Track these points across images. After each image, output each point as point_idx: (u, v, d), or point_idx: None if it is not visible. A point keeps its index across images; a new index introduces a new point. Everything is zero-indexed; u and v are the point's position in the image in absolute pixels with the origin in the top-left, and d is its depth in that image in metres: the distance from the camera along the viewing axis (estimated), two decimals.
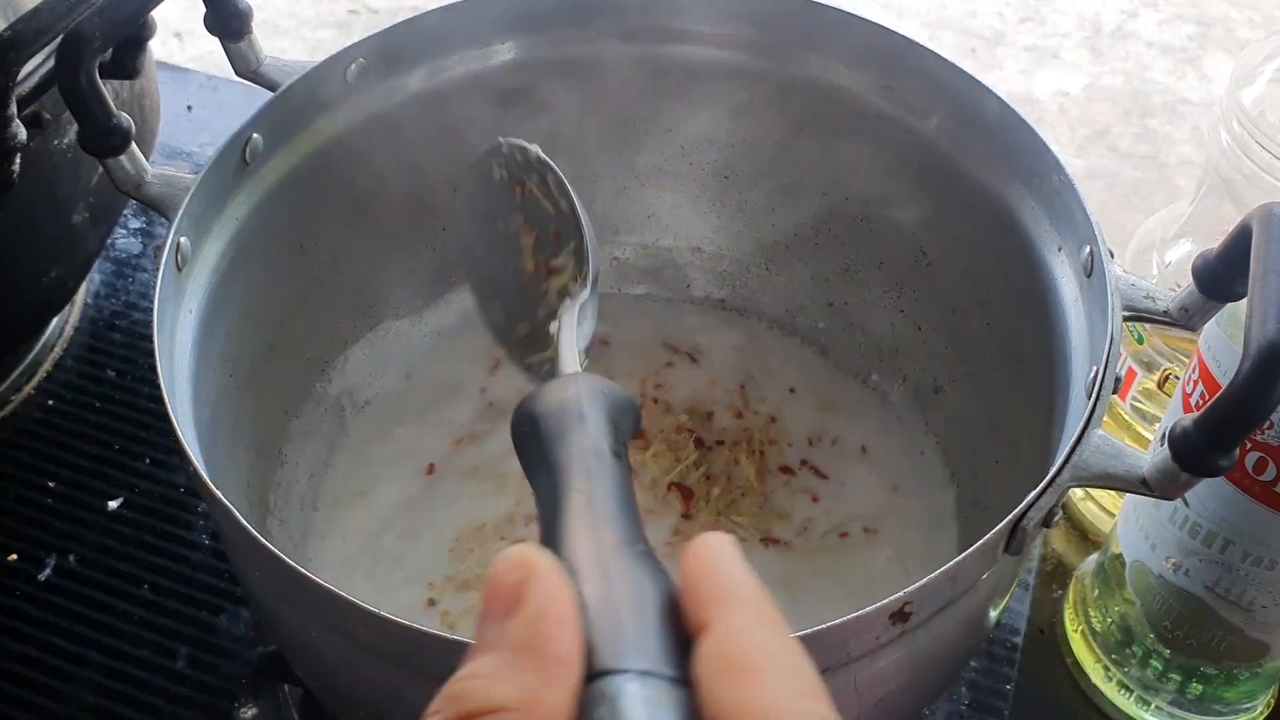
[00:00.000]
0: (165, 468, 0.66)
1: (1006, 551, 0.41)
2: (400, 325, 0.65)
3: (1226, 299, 0.43)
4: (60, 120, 0.56)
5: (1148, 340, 0.60)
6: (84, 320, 0.73)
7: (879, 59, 0.58)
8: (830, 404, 0.64)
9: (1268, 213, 0.39)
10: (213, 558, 0.62)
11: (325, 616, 0.40)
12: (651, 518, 0.58)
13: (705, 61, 0.62)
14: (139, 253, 0.77)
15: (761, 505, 0.59)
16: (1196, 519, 0.50)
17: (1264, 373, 0.35)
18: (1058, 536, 0.65)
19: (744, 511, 0.59)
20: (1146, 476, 0.39)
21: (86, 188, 0.60)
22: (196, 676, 0.58)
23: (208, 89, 0.87)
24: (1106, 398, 0.42)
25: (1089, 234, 0.47)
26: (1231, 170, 0.53)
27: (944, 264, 0.60)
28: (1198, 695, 0.55)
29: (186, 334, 0.48)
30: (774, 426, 0.63)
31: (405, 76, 0.58)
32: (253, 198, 0.53)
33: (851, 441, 0.62)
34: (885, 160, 0.60)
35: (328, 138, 0.56)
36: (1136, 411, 0.62)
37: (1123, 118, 1.00)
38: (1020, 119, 0.52)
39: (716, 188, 0.66)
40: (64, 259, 0.61)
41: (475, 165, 0.48)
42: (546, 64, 0.61)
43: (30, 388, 0.69)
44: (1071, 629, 0.60)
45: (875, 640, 0.39)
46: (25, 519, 0.63)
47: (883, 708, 0.43)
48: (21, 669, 0.58)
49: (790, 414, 0.63)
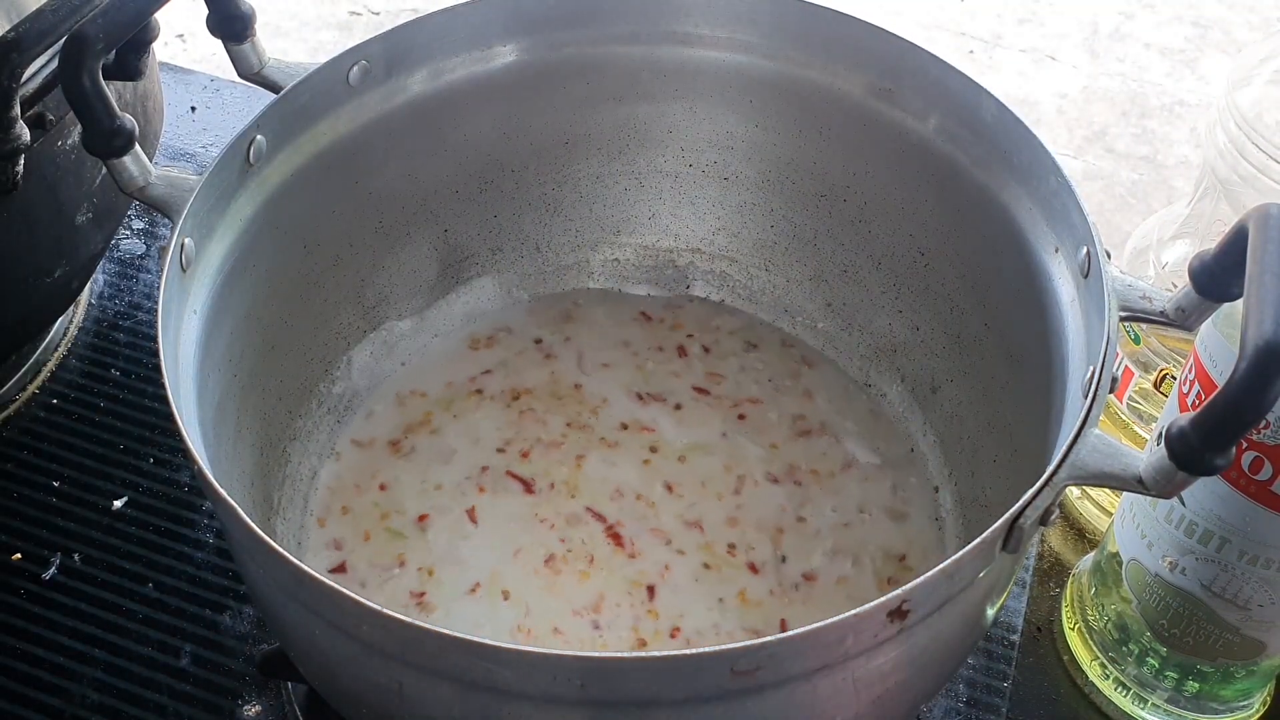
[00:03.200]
0: (169, 467, 0.66)
1: (1004, 549, 0.41)
2: (402, 325, 0.65)
3: (1223, 299, 0.43)
4: (64, 121, 0.56)
5: (1144, 340, 0.60)
6: (88, 320, 0.73)
7: (878, 61, 0.58)
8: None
9: (1264, 213, 0.40)
10: (217, 556, 0.62)
11: (328, 614, 0.40)
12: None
13: (705, 63, 0.62)
14: (142, 253, 0.77)
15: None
16: (1193, 518, 0.50)
17: (1260, 372, 0.35)
18: (1055, 535, 0.65)
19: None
20: (1143, 475, 0.39)
21: (90, 189, 0.60)
22: (200, 674, 0.58)
23: (211, 90, 0.88)
24: (1103, 397, 0.43)
25: (1086, 235, 0.47)
26: (1228, 171, 0.53)
27: (942, 264, 0.60)
28: (1194, 693, 0.55)
29: (191, 334, 0.48)
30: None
31: (407, 78, 0.58)
32: (256, 199, 0.53)
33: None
34: (884, 161, 0.60)
35: (330, 139, 0.56)
36: (1133, 411, 0.62)
37: (1120, 119, 1.00)
38: (1018, 120, 0.52)
39: (716, 189, 0.67)
40: (68, 259, 0.61)
41: None
42: (547, 66, 0.62)
43: (35, 387, 0.69)
44: (1068, 627, 0.60)
45: (873, 638, 0.39)
46: (30, 518, 0.64)
47: (880, 705, 0.43)
48: (26, 667, 0.58)
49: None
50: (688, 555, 0.58)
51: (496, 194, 0.65)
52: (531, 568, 0.57)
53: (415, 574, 0.57)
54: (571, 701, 0.38)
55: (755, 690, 0.38)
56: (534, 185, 0.66)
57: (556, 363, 0.66)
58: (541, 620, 0.55)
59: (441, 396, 0.64)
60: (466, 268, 0.67)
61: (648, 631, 0.55)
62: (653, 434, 0.62)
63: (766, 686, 0.38)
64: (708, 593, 0.56)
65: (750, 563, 0.57)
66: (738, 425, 0.63)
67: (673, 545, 0.58)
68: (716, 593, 0.56)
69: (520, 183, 0.66)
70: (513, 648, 0.37)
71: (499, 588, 0.57)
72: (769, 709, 0.39)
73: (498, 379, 0.65)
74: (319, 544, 0.58)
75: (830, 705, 0.41)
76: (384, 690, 0.42)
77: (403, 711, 0.42)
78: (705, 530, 0.58)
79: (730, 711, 0.39)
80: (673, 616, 0.55)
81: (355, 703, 0.45)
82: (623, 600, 0.56)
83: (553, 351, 0.66)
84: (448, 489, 0.60)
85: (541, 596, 0.56)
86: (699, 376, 0.65)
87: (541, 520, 0.59)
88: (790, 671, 0.38)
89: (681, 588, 0.56)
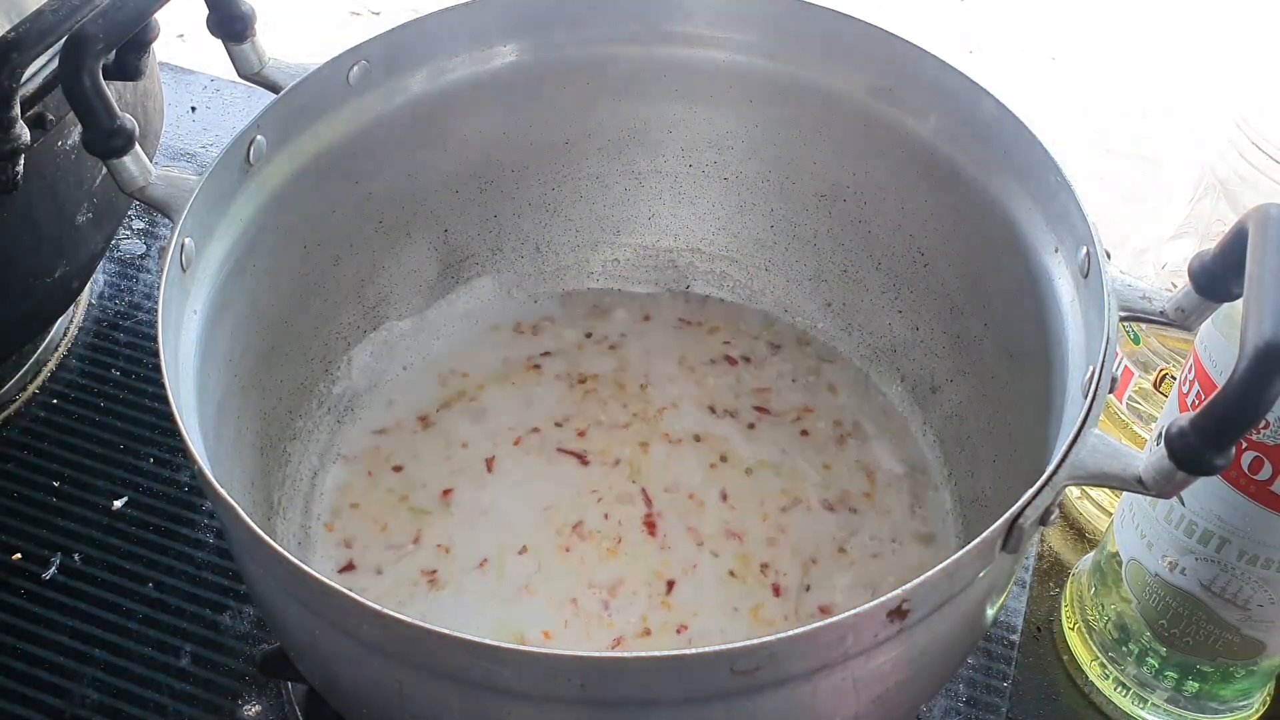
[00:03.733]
0: (169, 467, 0.66)
1: (1004, 549, 0.41)
2: (402, 326, 0.65)
3: (1223, 299, 0.43)
4: (64, 121, 0.56)
5: (1144, 341, 0.60)
6: (88, 320, 0.73)
7: (877, 61, 0.58)
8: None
9: (1264, 214, 0.40)
10: (217, 556, 0.62)
11: (329, 614, 0.40)
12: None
13: (705, 63, 0.62)
14: (143, 253, 0.77)
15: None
16: (1193, 518, 0.50)
17: (1260, 372, 0.35)
18: (1055, 535, 0.65)
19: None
20: (1143, 475, 0.39)
21: (90, 189, 0.60)
22: (200, 674, 0.58)
23: (211, 90, 0.88)
24: (1103, 397, 0.43)
25: (1086, 235, 0.47)
26: (1228, 172, 0.54)
27: (942, 264, 0.60)
28: (1194, 693, 0.55)
29: (191, 334, 0.48)
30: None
31: (407, 78, 0.58)
32: (256, 199, 0.53)
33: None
34: (884, 161, 0.60)
35: (331, 139, 0.56)
36: (1133, 411, 0.62)
37: (1121, 118, 1.00)
38: (1018, 120, 0.52)
39: (716, 189, 0.67)
40: (68, 259, 0.61)
41: None
42: (548, 66, 0.62)
43: (35, 387, 0.69)
44: (1068, 627, 0.60)
45: (873, 637, 0.39)
46: (30, 518, 0.64)
47: (880, 705, 0.43)
48: (26, 667, 0.58)
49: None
50: (720, 558, 0.57)
51: (496, 194, 0.65)
52: (555, 528, 0.58)
53: (438, 528, 0.58)
54: (571, 701, 0.38)
55: (755, 690, 0.38)
56: (534, 185, 0.66)
57: (618, 354, 0.66)
58: (552, 584, 0.56)
59: (495, 371, 0.65)
60: (466, 268, 0.67)
61: (655, 622, 0.55)
62: (724, 444, 0.62)
63: (766, 686, 0.38)
64: (725, 600, 0.56)
65: (775, 584, 0.57)
66: (799, 443, 0.62)
67: (705, 547, 0.58)
68: (734, 602, 0.56)
69: (520, 183, 0.66)
70: (513, 647, 0.37)
71: (519, 543, 0.57)
72: (769, 709, 0.39)
73: (558, 362, 0.65)
74: (328, 545, 0.59)
75: (830, 705, 0.41)
76: (384, 690, 0.42)
77: (403, 711, 0.42)
78: (744, 542, 0.58)
79: (730, 711, 0.39)
80: (684, 614, 0.56)
81: (355, 703, 0.45)
82: (640, 588, 0.56)
83: (616, 343, 0.67)
84: (474, 445, 0.61)
85: (558, 560, 0.57)
86: (751, 392, 0.65)
87: (593, 491, 0.60)
88: (790, 671, 0.38)
89: (702, 588, 0.56)
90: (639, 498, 0.60)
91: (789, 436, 0.63)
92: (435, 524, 0.59)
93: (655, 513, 0.59)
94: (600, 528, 0.58)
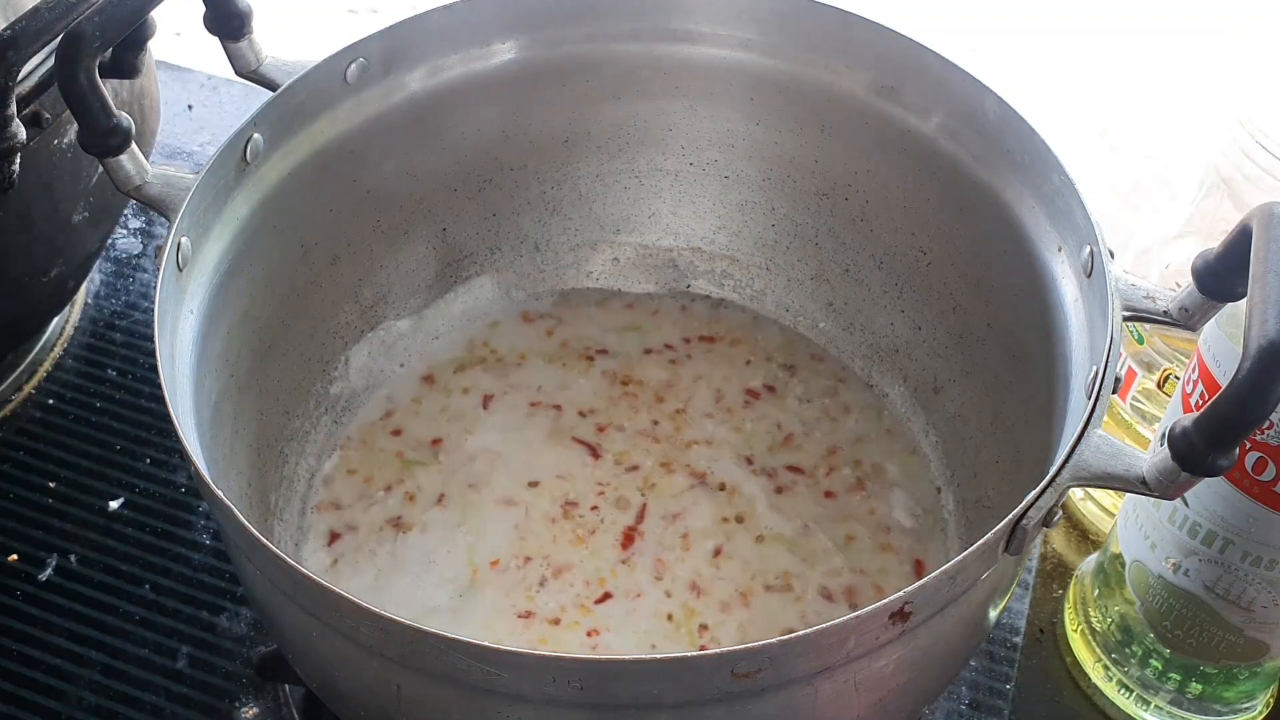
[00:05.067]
0: (166, 467, 0.66)
1: (1006, 551, 0.41)
2: (400, 325, 0.65)
3: (1226, 299, 0.43)
4: (60, 120, 0.56)
5: (1148, 340, 0.60)
6: (85, 320, 0.73)
7: (879, 58, 0.58)
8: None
9: (1268, 213, 0.39)
10: (214, 557, 0.62)
11: (326, 616, 0.40)
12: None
13: (706, 61, 0.62)
14: (139, 252, 0.77)
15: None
16: (1196, 519, 0.50)
17: (1264, 372, 0.35)
18: (1057, 536, 0.65)
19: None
20: (1146, 476, 0.39)
21: (86, 187, 0.60)
22: (197, 676, 0.58)
23: (208, 88, 0.87)
24: (1106, 398, 0.42)
25: (1089, 234, 0.47)
26: (1232, 170, 0.53)
27: (944, 264, 0.60)
28: (1197, 694, 0.55)
29: (187, 334, 0.48)
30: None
31: (405, 76, 0.58)
32: (253, 197, 0.53)
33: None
34: (886, 159, 0.60)
35: (328, 137, 0.56)
36: (1136, 411, 0.62)
37: (1123, 117, 1.00)
38: (1021, 118, 0.52)
39: (717, 187, 0.66)
40: (64, 259, 0.61)
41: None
42: (547, 63, 0.61)
43: (31, 387, 0.69)
44: (1071, 628, 0.60)
45: (875, 640, 0.39)
46: (26, 519, 0.64)
47: (882, 707, 0.43)
48: (22, 669, 0.58)
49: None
50: (668, 599, 0.56)
51: (495, 193, 0.65)
52: (552, 496, 0.59)
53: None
54: (570, 704, 0.38)
55: (756, 693, 0.38)
56: (533, 184, 0.66)
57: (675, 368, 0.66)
58: (523, 541, 0.58)
59: (541, 349, 0.66)
60: (465, 267, 0.67)
61: (569, 619, 0.55)
62: (747, 506, 0.60)
63: (768, 689, 0.38)
64: (646, 634, 0.55)
65: (704, 646, 0.54)
66: (825, 508, 0.60)
67: (661, 583, 0.57)
68: (653, 639, 0.55)
69: (519, 181, 0.65)
70: (511, 650, 0.37)
71: (508, 495, 0.59)
72: (770, 712, 0.39)
73: (611, 361, 0.66)
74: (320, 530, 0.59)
75: (832, 708, 0.41)
76: (382, 692, 0.41)
77: (401, 714, 0.42)
78: (701, 598, 0.56)
79: (731, 714, 0.39)
80: (600, 624, 0.55)
81: (353, 705, 0.45)
82: (578, 583, 0.56)
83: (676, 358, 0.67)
84: (474, 392, 0.63)
85: (541, 524, 0.58)
86: (781, 445, 0.62)
87: (599, 482, 0.60)
88: (792, 674, 0.38)
89: (632, 614, 0.56)
90: (635, 509, 0.59)
91: (814, 500, 0.60)
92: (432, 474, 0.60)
93: (639, 530, 0.58)
94: (585, 515, 0.59)
